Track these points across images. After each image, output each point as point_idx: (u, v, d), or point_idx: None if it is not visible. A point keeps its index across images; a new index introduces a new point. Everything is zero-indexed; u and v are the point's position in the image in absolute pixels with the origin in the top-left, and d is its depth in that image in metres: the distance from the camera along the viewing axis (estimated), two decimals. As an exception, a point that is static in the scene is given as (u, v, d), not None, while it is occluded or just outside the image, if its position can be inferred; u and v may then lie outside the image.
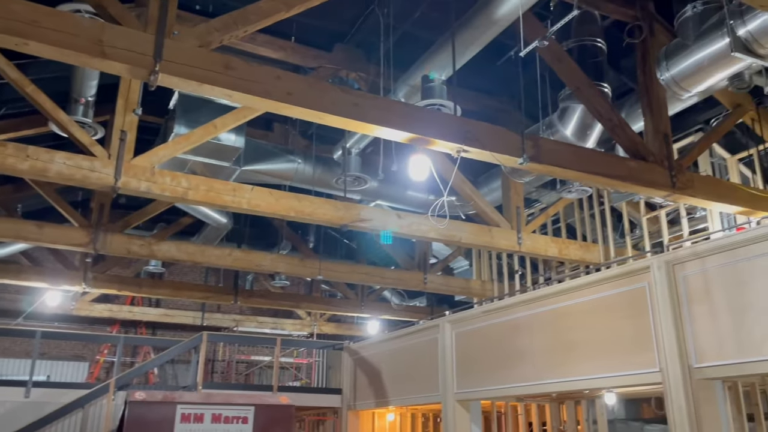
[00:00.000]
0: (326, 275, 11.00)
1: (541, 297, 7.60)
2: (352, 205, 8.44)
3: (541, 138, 6.62)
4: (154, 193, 7.26)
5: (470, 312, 9.06)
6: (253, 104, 5.39)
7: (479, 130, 6.19)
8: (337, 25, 8.97)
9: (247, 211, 7.81)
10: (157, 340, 13.36)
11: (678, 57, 6.53)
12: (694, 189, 7.36)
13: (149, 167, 7.28)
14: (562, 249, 9.91)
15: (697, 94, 6.88)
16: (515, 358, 7.89)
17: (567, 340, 7.13)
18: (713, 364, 5.59)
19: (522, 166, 6.34)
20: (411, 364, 10.08)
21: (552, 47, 7.12)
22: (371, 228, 8.50)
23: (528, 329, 7.75)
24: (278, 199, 7.95)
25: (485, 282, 12.67)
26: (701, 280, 5.79)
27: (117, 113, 7.37)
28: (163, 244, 9.96)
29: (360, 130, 5.83)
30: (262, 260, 10.63)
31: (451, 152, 6.20)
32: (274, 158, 10.26)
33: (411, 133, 5.85)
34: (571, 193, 9.33)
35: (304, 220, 8.14)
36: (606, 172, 6.78)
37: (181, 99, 9.02)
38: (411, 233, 8.72)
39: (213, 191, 7.58)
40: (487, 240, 9.24)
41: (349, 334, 16.86)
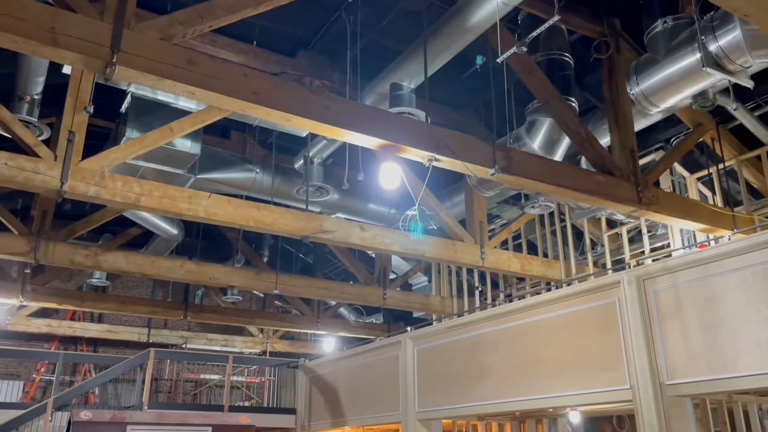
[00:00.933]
0: (283, 289, 10.62)
1: (507, 312, 7.44)
2: (314, 215, 8.14)
3: (513, 149, 6.49)
4: (104, 199, 6.81)
5: (433, 328, 8.84)
6: (218, 103, 5.07)
7: (451, 139, 6.01)
8: (301, 31, 8.72)
9: (204, 219, 7.42)
10: (100, 357, 12.66)
11: (648, 72, 6.53)
12: (659, 205, 7.37)
13: (99, 171, 6.84)
14: (525, 265, 9.82)
15: (663, 110, 6.89)
16: (480, 375, 7.68)
17: (534, 357, 6.97)
18: (685, 381, 5.50)
19: (493, 177, 6.19)
20: (370, 382, 9.78)
21: (522, 59, 7.05)
22: (333, 240, 8.22)
23: (493, 346, 7.57)
24: (237, 207, 7.60)
25: (445, 298, 12.49)
26: (672, 295, 5.72)
27: (65, 113, 6.91)
28: (109, 254, 9.43)
29: (329, 135, 5.57)
30: (216, 273, 10.18)
31: (423, 161, 6.00)
32: (231, 167, 9.88)
33: (382, 140, 5.62)
34: (535, 208, 9.26)
35: (264, 230, 7.80)
36: (575, 185, 6.70)
37: (134, 102, 8.59)
38: (374, 246, 8.47)
39: (167, 198, 7.18)
40: (451, 254, 9.07)
41: (303, 352, 16.43)
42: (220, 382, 15.17)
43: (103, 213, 10.03)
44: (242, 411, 11.81)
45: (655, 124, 8.81)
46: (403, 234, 8.80)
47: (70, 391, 10.53)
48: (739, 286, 5.24)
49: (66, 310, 15.84)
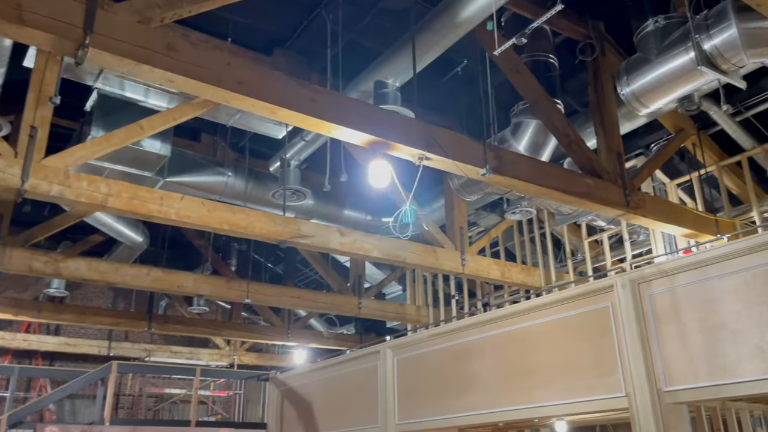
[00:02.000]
0: (254, 299, 10.21)
1: (494, 319, 7.20)
2: (291, 219, 7.80)
3: (503, 149, 6.29)
4: (68, 199, 6.36)
5: (414, 336, 8.54)
6: (199, 92, 4.72)
7: (442, 137, 5.77)
8: (278, 29, 8.41)
9: (176, 222, 7.02)
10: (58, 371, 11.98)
11: (639, 71, 6.41)
12: (646, 209, 7.26)
13: (63, 169, 6.39)
14: (505, 272, 9.63)
15: (651, 113, 6.79)
16: (465, 384, 7.41)
17: (523, 365, 6.74)
18: (684, 387, 5.32)
19: (484, 177, 5.97)
20: (347, 394, 9.41)
21: (510, 58, 6.88)
22: (312, 245, 7.89)
23: (480, 354, 7.31)
24: (211, 210, 7.21)
25: (420, 307, 12.22)
26: (669, 299, 5.56)
27: (27, 106, 6.44)
28: (71, 261, 8.89)
29: (316, 129, 5.27)
30: (185, 281, 9.72)
31: (413, 159, 5.74)
32: (202, 170, 9.47)
33: (372, 135, 5.35)
34: (515, 214, 9.09)
35: (239, 234, 7.43)
36: (565, 188, 6.53)
37: (100, 99, 8.13)
38: (354, 251, 8.16)
39: (137, 199, 6.76)
40: (432, 261, 8.82)
41: (271, 365, 15.93)
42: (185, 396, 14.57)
43: (64, 218, 9.50)
44: (210, 426, 11.30)
45: (635, 130, 8.76)
46: (384, 239, 8.53)
47: (25, 408, 9.87)
48: (739, 289, 5.10)
49: (20, 323, 15.05)
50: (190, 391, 13.20)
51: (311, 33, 8.36)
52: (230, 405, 16.41)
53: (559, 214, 9.19)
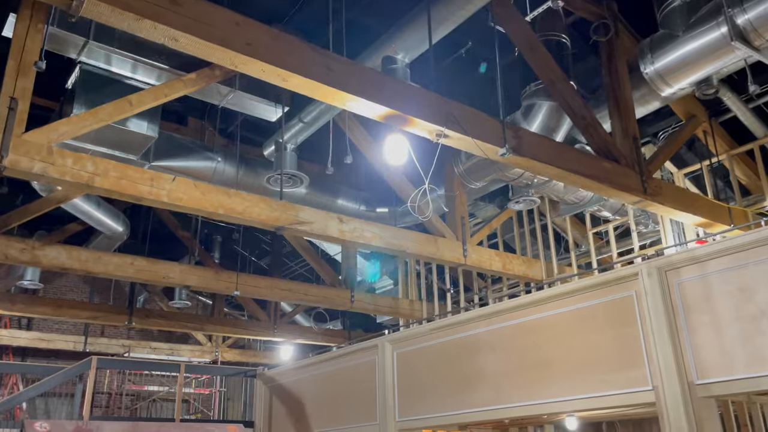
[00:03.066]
0: (244, 291, 9.74)
1: (505, 310, 6.84)
2: (290, 205, 7.34)
3: (522, 128, 5.94)
4: (51, 177, 5.84)
5: (415, 330, 8.15)
6: (205, 53, 4.27)
7: (461, 113, 5.39)
8: (276, 4, 7.97)
9: (167, 205, 6.53)
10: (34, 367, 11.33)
11: (665, 49, 6.10)
12: (663, 196, 6.97)
13: (45, 145, 5.87)
14: (506, 264, 9.29)
15: (674, 93, 6.48)
16: (473, 379, 7.04)
17: (538, 358, 6.39)
18: (718, 380, 5.01)
19: (504, 158, 5.60)
20: (343, 390, 8.99)
21: (526, 34, 6.53)
22: (310, 232, 7.45)
23: (488, 347, 6.95)
24: (204, 193, 6.74)
25: (414, 302, 11.84)
26: (700, 287, 5.25)
27: (6, 76, 5.90)
28: (49, 248, 8.34)
29: (330, 100, 4.85)
30: (171, 271, 9.21)
31: (429, 136, 5.35)
32: (190, 154, 8.97)
33: (390, 108, 4.95)
34: (519, 203, 8.76)
35: (235, 219, 6.96)
36: (584, 171, 6.20)
37: (83, 76, 7.61)
38: (354, 239, 7.74)
39: (126, 179, 6.27)
40: (433, 251, 8.44)
41: (254, 362, 15.43)
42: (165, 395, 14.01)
43: (41, 203, 8.91)
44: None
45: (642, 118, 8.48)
46: (384, 227, 8.12)
47: (-3, 406, 9.28)
48: (778, 275, 4.81)
49: (-9, 317, 14.34)
50: (171, 388, 12.64)
51: (309, 11, 7.94)
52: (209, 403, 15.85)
53: (564, 203, 8.89)
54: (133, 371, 12.36)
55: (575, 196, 8.55)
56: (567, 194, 8.45)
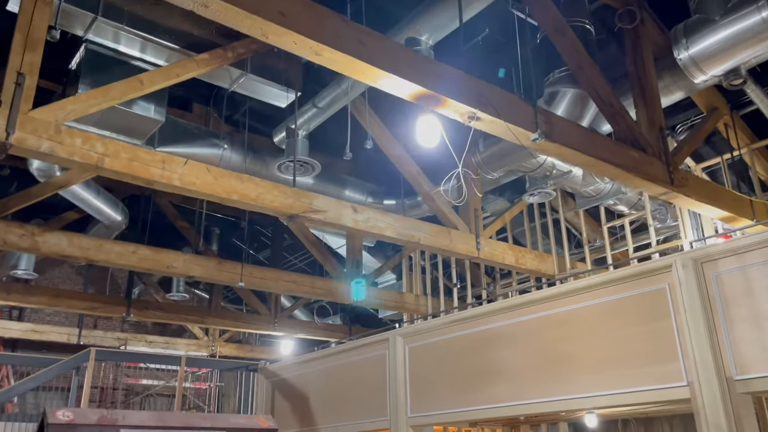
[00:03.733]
0: (249, 282, 9.47)
1: (527, 303, 6.63)
2: (303, 192, 7.10)
3: (552, 114, 5.73)
4: (59, 157, 5.56)
5: (430, 323, 7.93)
6: (235, 21, 4.01)
7: (493, 95, 5.18)
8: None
9: (178, 189, 6.26)
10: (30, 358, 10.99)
11: (701, 34, 5.92)
12: (688, 188, 6.79)
13: (53, 123, 5.59)
14: (519, 258, 9.09)
15: (705, 81, 6.30)
16: (491, 374, 6.83)
17: (562, 353, 6.18)
18: (760, 376, 4.83)
19: (536, 143, 5.39)
20: (350, 385, 8.74)
21: (554, 18, 6.31)
22: (324, 221, 7.20)
23: (509, 341, 6.73)
24: (217, 177, 6.48)
25: (419, 296, 11.62)
26: (739, 280, 5.07)
27: (13, 51, 5.60)
28: (49, 235, 8.03)
29: (361, 76, 4.61)
30: (175, 261, 8.93)
31: (461, 118, 5.13)
32: (196, 140, 8.70)
33: (422, 87, 4.72)
34: (534, 196, 8.56)
35: (248, 206, 6.71)
36: (613, 160, 6.01)
37: (88, 56, 7.33)
38: (367, 229, 7.51)
39: (137, 161, 5.99)
40: (446, 243, 8.23)
41: (251, 357, 15.14)
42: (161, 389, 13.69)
43: (42, 188, 8.58)
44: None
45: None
46: (398, 218, 7.90)
47: (-9, 398, 8.97)
48: (825, 267, 4.63)
49: (-19, 308, 13.96)
50: (168, 382, 12.35)
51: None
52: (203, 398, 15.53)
53: (580, 196, 8.69)
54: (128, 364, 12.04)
55: (593, 189, 8.36)
56: (585, 186, 8.26)
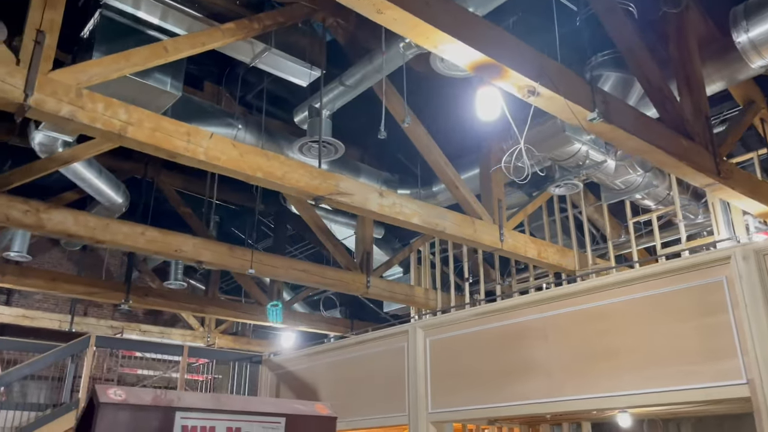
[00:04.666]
0: (259, 270, 9.08)
1: (563, 296, 6.33)
2: (330, 173, 6.74)
3: (608, 94, 5.44)
4: (80, 123, 5.17)
5: (452, 316, 7.61)
6: (299, -31, 3.65)
7: (552, 69, 4.87)
8: (318, -42, 7.35)
9: (203, 164, 5.88)
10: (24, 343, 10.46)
11: (763, 16, 5.65)
12: (733, 180, 6.54)
13: (74, 86, 5.20)
14: (541, 251, 8.81)
15: (761, 67, 6.04)
16: (521, 369, 6.53)
17: (602, 348, 5.90)
18: (828, 374, 4.59)
19: (593, 123, 5.08)
20: (365, 379, 8.40)
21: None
22: (350, 204, 6.84)
23: (540, 335, 6.44)
24: (243, 154, 6.10)
25: (429, 290, 11.30)
26: (805, 273, 4.83)
27: (33, 7, 5.19)
28: (55, 212, 7.59)
29: (423, 39, 4.26)
30: (184, 244, 8.52)
31: (519, 92, 4.80)
32: (210, 119, 8.31)
33: (486, 56, 4.39)
34: (560, 188, 8.29)
35: (273, 185, 6.34)
36: (666, 146, 5.73)
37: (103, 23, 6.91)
38: (393, 215, 7.16)
39: (161, 132, 5.61)
40: (471, 233, 7.91)
41: (248, 349, 14.72)
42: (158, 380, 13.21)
43: (45, 163, 8.14)
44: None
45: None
46: (423, 205, 7.57)
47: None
48: None
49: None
50: (164, 373, 11.90)
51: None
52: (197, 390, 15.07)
53: (607, 189, 8.42)
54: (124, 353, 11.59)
55: (622, 181, 8.10)
56: (615, 178, 7.99)
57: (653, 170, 8.16)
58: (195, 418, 2.79)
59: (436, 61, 5.87)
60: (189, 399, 2.81)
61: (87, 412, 2.59)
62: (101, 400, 2.54)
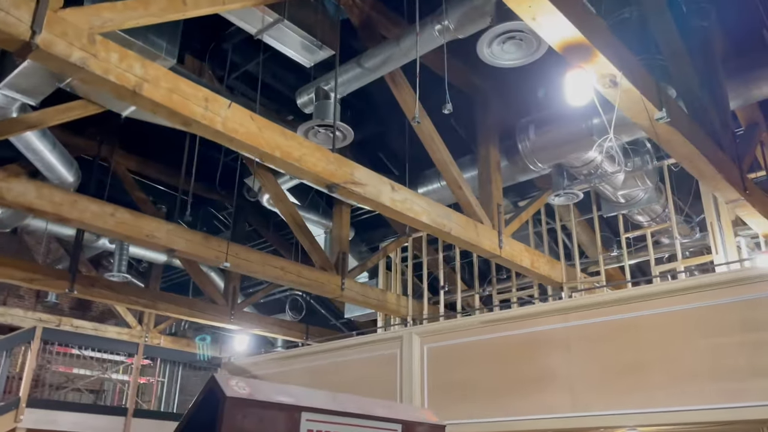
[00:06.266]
0: (234, 264, 8.34)
1: (588, 306, 6.04)
2: (345, 160, 6.20)
3: (669, 95, 5.21)
4: (92, 72, 4.42)
5: (456, 322, 7.17)
6: None
7: (632, 62, 4.58)
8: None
9: (219, 136, 5.22)
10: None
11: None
12: (755, 197, 6.51)
13: (86, 30, 4.44)
14: (534, 261, 8.55)
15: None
16: (534, 381, 6.18)
17: (631, 362, 5.62)
18: None
19: (659, 123, 4.83)
20: (347, 387, 7.80)
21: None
22: (362, 195, 6.30)
23: (561, 346, 6.11)
24: (261, 129, 5.48)
25: (400, 297, 10.83)
26: None
27: (41, -69, 4.40)
28: (15, 182, 6.62)
29: (524, 9, 3.85)
30: (157, 229, 7.68)
31: (600, 80, 4.47)
32: (197, 95, 7.53)
33: (582, 34, 4.03)
34: (560, 197, 8.09)
35: (289, 167, 5.73)
36: (710, 156, 5.59)
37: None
38: (403, 211, 6.68)
39: (178, 94, 4.92)
40: (473, 237, 7.54)
41: (189, 351, 13.70)
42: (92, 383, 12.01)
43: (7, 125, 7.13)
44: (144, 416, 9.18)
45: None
46: (432, 203, 7.13)
47: None
48: None
49: None
50: (104, 373, 10.79)
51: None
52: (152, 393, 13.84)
53: (609, 201, 8.29)
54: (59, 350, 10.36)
55: (625, 194, 7.98)
56: (621, 191, 7.86)
57: (655, 186, 8.09)
58: (319, 421, 2.23)
59: (482, 47, 5.46)
60: (311, 398, 2.25)
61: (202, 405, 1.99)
62: (228, 393, 1.94)
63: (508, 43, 5.38)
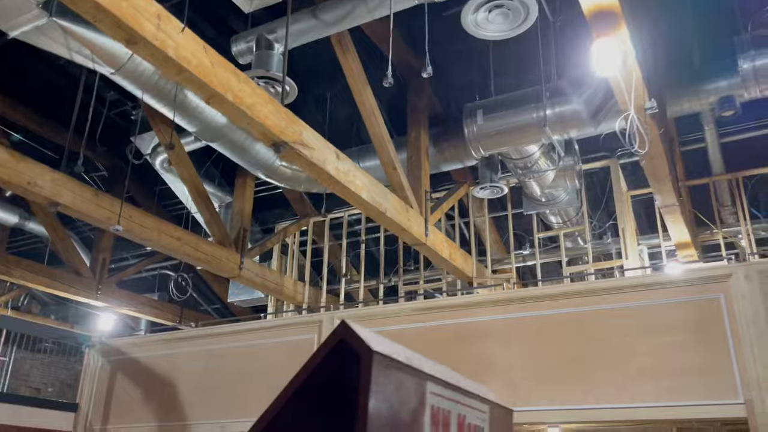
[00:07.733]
0: (127, 227, 7.25)
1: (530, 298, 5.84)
2: (296, 118, 5.53)
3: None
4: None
5: (396, 307, 6.68)
6: None
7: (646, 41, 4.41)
8: None
9: (169, 63, 4.38)
10: None
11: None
12: (684, 204, 6.72)
13: None
14: (452, 253, 8.32)
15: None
16: (472, 375, 5.87)
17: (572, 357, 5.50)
18: (831, 398, 4.67)
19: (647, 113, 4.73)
20: (254, 374, 7.01)
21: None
22: (309, 159, 5.65)
23: (499, 338, 5.86)
24: (214, 64, 4.71)
25: (297, 283, 10.15)
26: (808, 298, 4.92)
27: None
28: None
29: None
30: (40, 177, 6.44)
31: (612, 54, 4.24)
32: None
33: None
34: (485, 190, 7.95)
35: (238, 113, 4.96)
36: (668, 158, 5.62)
37: None
38: (345, 183, 6.12)
39: (130, 5, 4.02)
40: (405, 221, 7.14)
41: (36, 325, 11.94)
42: None
43: None
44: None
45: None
46: (374, 181, 6.64)
47: None
48: None
49: None
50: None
51: None
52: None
53: (531, 198, 8.28)
54: None
55: (550, 193, 7.99)
56: (548, 189, 7.85)
57: (575, 188, 8.19)
58: (440, 396, 1.69)
59: (467, 13, 5.08)
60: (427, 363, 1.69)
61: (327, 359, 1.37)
62: (373, 346, 1.34)
63: (494, 12, 5.05)
